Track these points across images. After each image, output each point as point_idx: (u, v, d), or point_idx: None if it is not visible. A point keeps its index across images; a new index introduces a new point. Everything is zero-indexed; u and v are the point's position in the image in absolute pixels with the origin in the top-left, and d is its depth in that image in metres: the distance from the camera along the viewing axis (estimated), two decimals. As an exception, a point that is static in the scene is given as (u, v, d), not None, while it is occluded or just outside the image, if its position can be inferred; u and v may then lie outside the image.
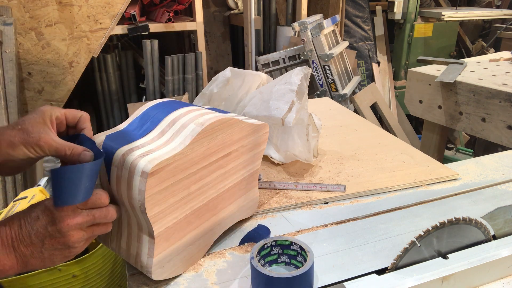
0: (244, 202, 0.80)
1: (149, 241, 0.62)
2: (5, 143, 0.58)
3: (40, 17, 2.13)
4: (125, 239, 0.66)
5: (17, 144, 0.58)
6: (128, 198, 0.60)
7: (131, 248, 0.65)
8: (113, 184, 0.61)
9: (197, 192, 0.67)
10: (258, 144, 0.79)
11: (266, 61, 2.65)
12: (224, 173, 0.72)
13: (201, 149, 0.65)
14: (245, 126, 0.74)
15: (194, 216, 0.68)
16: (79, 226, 0.56)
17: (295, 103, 0.96)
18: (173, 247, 0.65)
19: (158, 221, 0.61)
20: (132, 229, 0.64)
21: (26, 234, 0.55)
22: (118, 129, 0.68)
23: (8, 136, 0.58)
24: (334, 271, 0.68)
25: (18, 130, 0.59)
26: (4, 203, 1.86)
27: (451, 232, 0.66)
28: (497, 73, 1.65)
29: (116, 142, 0.63)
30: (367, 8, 3.30)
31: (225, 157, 0.71)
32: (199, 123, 0.64)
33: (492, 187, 0.95)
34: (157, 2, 2.55)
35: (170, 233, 0.64)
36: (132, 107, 2.41)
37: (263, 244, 0.66)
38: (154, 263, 0.62)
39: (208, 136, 0.65)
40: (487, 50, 3.66)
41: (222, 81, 1.08)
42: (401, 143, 1.18)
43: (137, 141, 0.63)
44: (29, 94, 2.18)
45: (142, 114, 0.69)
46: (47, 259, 0.56)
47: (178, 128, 0.64)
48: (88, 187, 0.56)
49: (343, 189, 0.92)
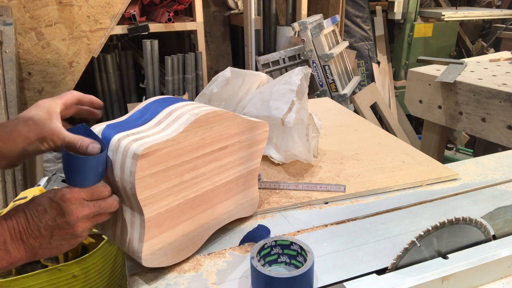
0: (243, 200, 0.81)
1: (140, 225, 0.63)
2: (21, 138, 0.62)
3: (40, 17, 2.13)
4: (120, 226, 0.67)
5: (33, 140, 0.63)
6: (121, 181, 0.61)
7: (124, 234, 0.66)
8: (109, 169, 0.63)
9: (191, 181, 0.68)
10: (257, 142, 0.80)
11: (266, 61, 2.65)
12: (220, 166, 0.73)
13: (194, 138, 0.66)
14: (242, 122, 0.75)
15: (187, 206, 0.69)
16: (86, 217, 0.60)
17: (295, 103, 0.96)
18: (165, 234, 0.66)
19: (148, 205, 0.62)
20: (126, 215, 0.66)
21: (34, 227, 0.57)
22: (119, 120, 0.71)
23: (23, 132, 0.62)
24: (334, 271, 0.68)
25: (31, 125, 0.63)
26: (4, 203, 1.86)
27: (451, 232, 0.66)
28: (497, 73, 1.65)
29: (114, 130, 0.65)
30: (367, 8, 3.30)
31: (221, 150, 0.72)
32: (194, 114, 0.66)
33: (492, 187, 0.95)
34: (157, 2, 2.55)
35: (162, 219, 0.65)
36: (132, 107, 2.41)
37: (263, 244, 0.66)
38: (145, 248, 0.63)
39: (202, 126, 0.67)
40: (487, 50, 3.66)
41: (222, 81, 1.08)
42: (401, 143, 1.18)
43: (134, 129, 0.66)
44: (29, 94, 2.18)
45: (143, 107, 0.72)
46: (54, 249, 0.59)
47: (174, 118, 0.66)
48: (97, 174, 0.61)
49: (343, 189, 0.92)
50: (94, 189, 0.60)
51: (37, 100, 0.68)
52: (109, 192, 0.63)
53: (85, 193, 0.59)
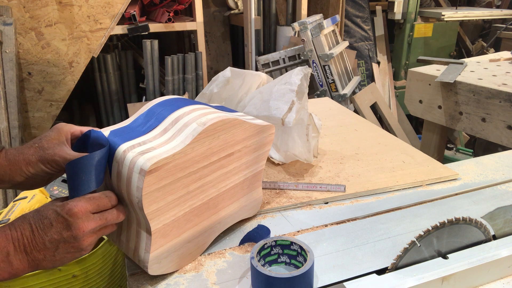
0: (247, 202, 0.80)
1: (147, 237, 0.63)
2: (24, 162, 0.63)
3: (40, 17, 2.13)
4: (125, 233, 0.67)
5: (35, 162, 0.63)
6: (127, 194, 0.60)
7: (130, 242, 0.66)
8: (114, 179, 0.62)
9: (197, 191, 0.67)
10: (263, 145, 0.78)
11: (266, 61, 2.65)
12: (226, 173, 0.72)
13: (202, 148, 0.65)
14: (249, 127, 0.73)
15: (193, 214, 0.68)
16: (92, 231, 0.59)
17: (295, 103, 0.96)
18: (171, 243, 0.66)
19: (155, 218, 0.61)
20: (132, 224, 0.65)
21: (39, 241, 0.57)
22: (123, 125, 0.69)
23: (26, 155, 0.63)
24: (334, 271, 0.68)
25: (35, 148, 0.63)
26: (4, 203, 1.86)
27: (451, 232, 0.66)
28: (497, 73, 1.65)
29: (120, 138, 0.64)
30: (367, 8, 3.30)
31: (227, 157, 0.71)
32: (201, 123, 0.64)
33: (492, 187, 0.95)
34: (157, 2, 2.55)
35: (168, 229, 0.64)
36: (132, 107, 2.41)
37: (263, 244, 0.66)
38: (151, 259, 0.63)
39: (209, 136, 0.65)
40: (487, 50, 3.66)
41: (222, 81, 1.08)
42: (401, 143, 1.18)
43: (139, 138, 0.64)
44: (29, 94, 2.18)
45: (147, 110, 0.70)
46: (58, 261, 0.59)
47: (180, 127, 0.64)
48: (98, 175, 0.60)
49: (343, 189, 0.92)
50: (100, 201, 0.59)
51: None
52: (115, 201, 0.62)
53: (91, 205, 0.58)
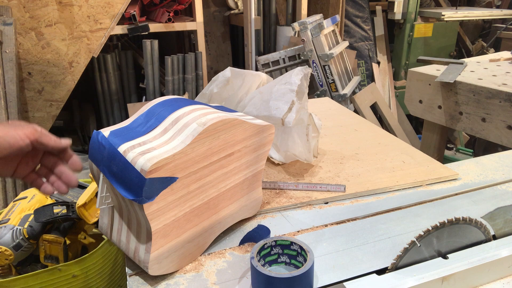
0: (247, 202, 0.80)
1: (147, 237, 0.63)
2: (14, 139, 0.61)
3: (40, 17, 2.14)
4: (125, 233, 0.67)
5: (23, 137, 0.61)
6: None
7: (130, 242, 0.66)
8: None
9: (197, 191, 0.67)
10: (263, 145, 0.78)
11: (266, 61, 2.65)
12: (226, 173, 0.72)
13: (202, 148, 0.65)
14: (249, 127, 0.73)
15: (193, 214, 0.68)
16: None
17: (295, 103, 0.96)
18: (171, 244, 0.66)
19: (156, 218, 0.61)
20: (132, 224, 0.65)
21: None
22: (123, 125, 0.68)
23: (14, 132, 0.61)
24: (334, 271, 0.68)
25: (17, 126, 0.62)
26: (4, 203, 1.86)
27: (451, 232, 0.66)
28: (497, 73, 1.65)
29: (120, 138, 0.63)
30: (367, 8, 3.30)
31: (227, 157, 0.71)
32: (201, 123, 0.64)
33: (492, 187, 0.95)
34: (157, 2, 2.55)
35: (168, 230, 0.64)
36: (132, 107, 2.41)
37: (263, 244, 0.66)
38: (151, 259, 0.63)
39: (209, 136, 0.65)
40: (487, 50, 3.66)
41: (222, 81, 1.08)
42: (401, 143, 1.18)
43: (139, 138, 0.64)
44: (29, 94, 2.18)
45: (148, 110, 0.70)
46: None
47: (181, 127, 0.64)
48: None
49: (343, 189, 0.92)
50: None
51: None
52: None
53: None
